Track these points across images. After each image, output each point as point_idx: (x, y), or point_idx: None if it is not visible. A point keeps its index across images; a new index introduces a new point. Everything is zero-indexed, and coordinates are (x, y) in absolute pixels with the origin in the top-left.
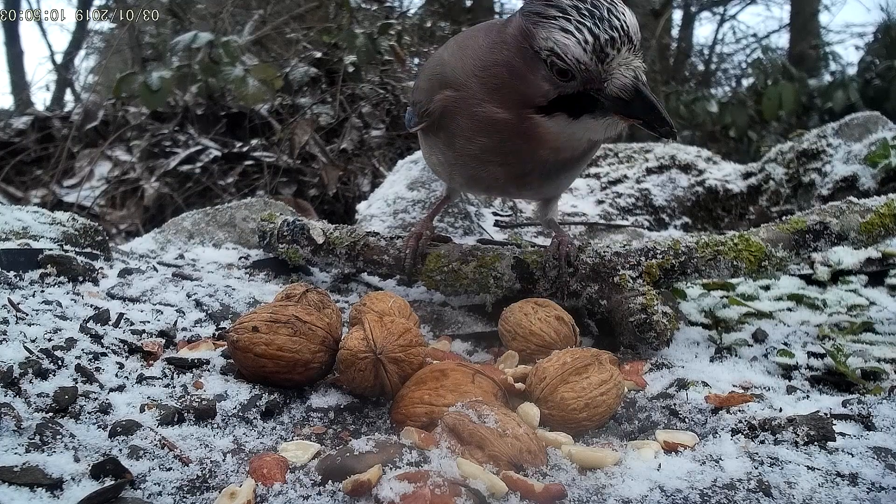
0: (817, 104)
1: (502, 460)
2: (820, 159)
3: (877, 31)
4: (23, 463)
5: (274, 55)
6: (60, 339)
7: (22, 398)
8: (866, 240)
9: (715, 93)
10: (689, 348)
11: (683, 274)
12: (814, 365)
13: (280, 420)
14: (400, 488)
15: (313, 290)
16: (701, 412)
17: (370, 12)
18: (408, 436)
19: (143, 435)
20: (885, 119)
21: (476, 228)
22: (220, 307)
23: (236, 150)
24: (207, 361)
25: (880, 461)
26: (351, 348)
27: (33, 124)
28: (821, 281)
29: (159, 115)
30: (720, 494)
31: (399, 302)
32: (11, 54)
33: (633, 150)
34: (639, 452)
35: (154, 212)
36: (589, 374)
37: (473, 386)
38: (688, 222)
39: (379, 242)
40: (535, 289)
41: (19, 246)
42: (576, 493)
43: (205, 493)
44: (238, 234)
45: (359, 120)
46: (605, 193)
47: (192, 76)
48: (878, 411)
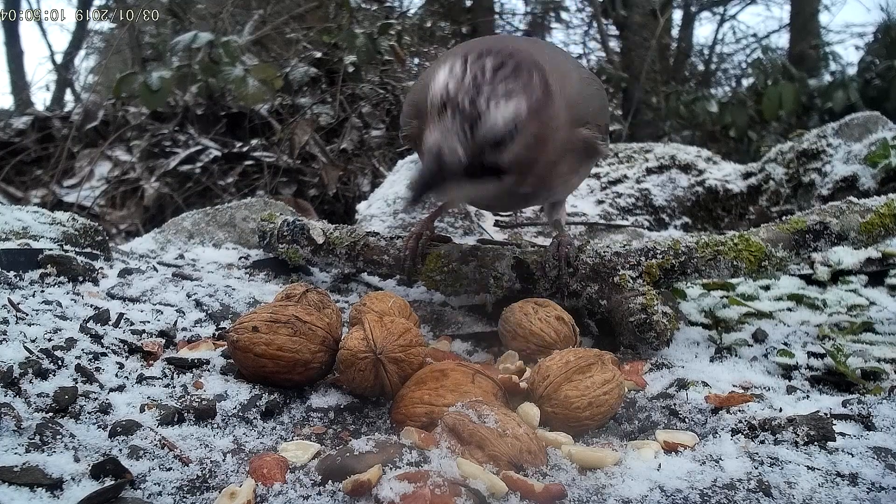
0: (817, 104)
1: (502, 460)
2: (820, 159)
3: (877, 31)
4: (23, 463)
5: (274, 55)
6: (60, 339)
7: (22, 398)
8: (866, 240)
9: (715, 93)
10: (689, 348)
11: (683, 274)
12: (814, 365)
13: (280, 420)
14: (400, 488)
15: (313, 290)
16: (701, 412)
17: (370, 12)
18: (408, 436)
19: (143, 435)
20: (885, 119)
21: (476, 228)
22: (220, 307)
23: (236, 150)
24: (207, 361)
25: (880, 461)
26: (351, 348)
27: (33, 124)
28: (821, 281)
29: (159, 115)
30: (720, 494)
31: (399, 302)
32: (11, 54)
33: (633, 150)
34: (639, 452)
35: (154, 212)
36: (592, 374)
37: (473, 386)
38: (688, 222)
39: (379, 242)
40: (535, 289)
41: (19, 246)
42: (576, 493)
43: (205, 493)
44: (238, 234)
45: (359, 120)
46: (605, 193)
47: (192, 76)
48: (878, 411)
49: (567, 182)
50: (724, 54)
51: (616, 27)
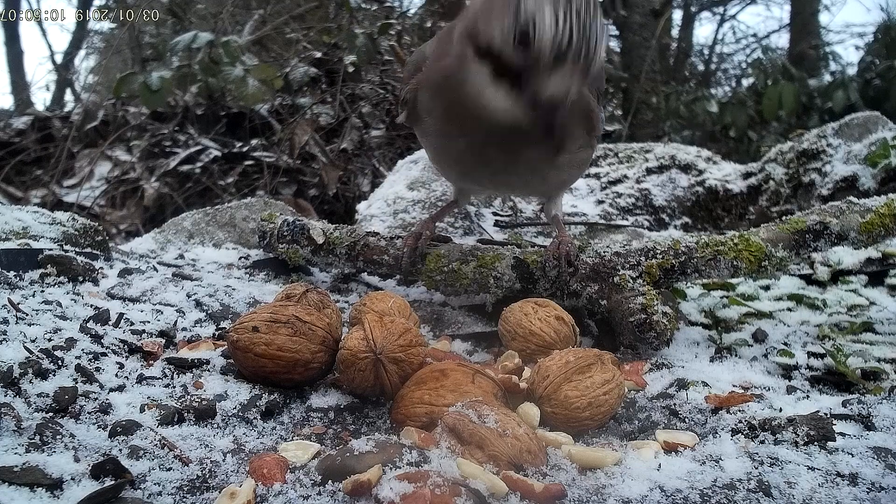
0: (817, 104)
1: (502, 460)
2: (820, 159)
3: (877, 31)
4: (23, 463)
5: (274, 55)
6: (60, 339)
7: (22, 398)
8: (866, 240)
9: (715, 93)
10: (689, 348)
11: (683, 274)
12: (814, 365)
13: (280, 420)
14: (400, 488)
15: (313, 290)
16: (701, 412)
17: (370, 12)
18: (408, 436)
19: (143, 435)
20: (885, 119)
21: (476, 228)
22: (220, 307)
23: (236, 150)
24: (207, 361)
25: (880, 461)
26: (351, 348)
27: (33, 124)
28: (821, 281)
29: (159, 115)
30: (720, 494)
31: (399, 302)
32: (11, 54)
33: (633, 150)
34: (639, 452)
35: (154, 212)
36: (592, 374)
37: (473, 386)
38: (688, 222)
39: (379, 242)
40: (535, 289)
41: (19, 246)
42: (576, 493)
43: (205, 493)
44: (238, 234)
45: (359, 120)
46: (605, 193)
47: (192, 76)
48: (878, 411)
49: (571, 161)
50: (724, 54)
51: (616, 27)
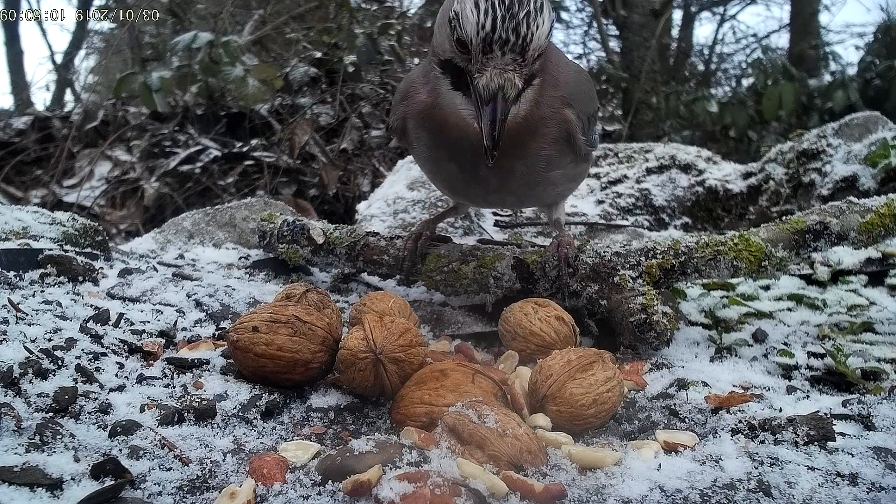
0: (817, 104)
1: (502, 460)
2: (820, 159)
3: (877, 31)
4: (23, 463)
5: (274, 55)
6: (60, 339)
7: (22, 398)
8: (866, 240)
9: (715, 93)
10: (689, 348)
11: (683, 274)
12: (814, 365)
13: (280, 420)
14: (400, 488)
15: (313, 290)
16: (701, 412)
17: (370, 12)
18: (408, 436)
19: (143, 435)
20: (885, 119)
21: (476, 228)
22: (220, 307)
23: (236, 150)
24: (207, 361)
25: (880, 461)
26: (351, 348)
27: (33, 124)
28: (821, 281)
29: (159, 115)
30: (720, 494)
31: (399, 302)
32: (11, 54)
33: (633, 150)
34: (639, 452)
35: (154, 212)
36: (594, 371)
37: (473, 386)
38: (688, 222)
39: (379, 242)
40: (535, 289)
41: (19, 246)
42: (576, 493)
43: (205, 493)
44: (238, 234)
45: (359, 120)
46: (605, 193)
47: (192, 76)
48: (878, 411)
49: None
50: (724, 54)
51: (616, 27)
